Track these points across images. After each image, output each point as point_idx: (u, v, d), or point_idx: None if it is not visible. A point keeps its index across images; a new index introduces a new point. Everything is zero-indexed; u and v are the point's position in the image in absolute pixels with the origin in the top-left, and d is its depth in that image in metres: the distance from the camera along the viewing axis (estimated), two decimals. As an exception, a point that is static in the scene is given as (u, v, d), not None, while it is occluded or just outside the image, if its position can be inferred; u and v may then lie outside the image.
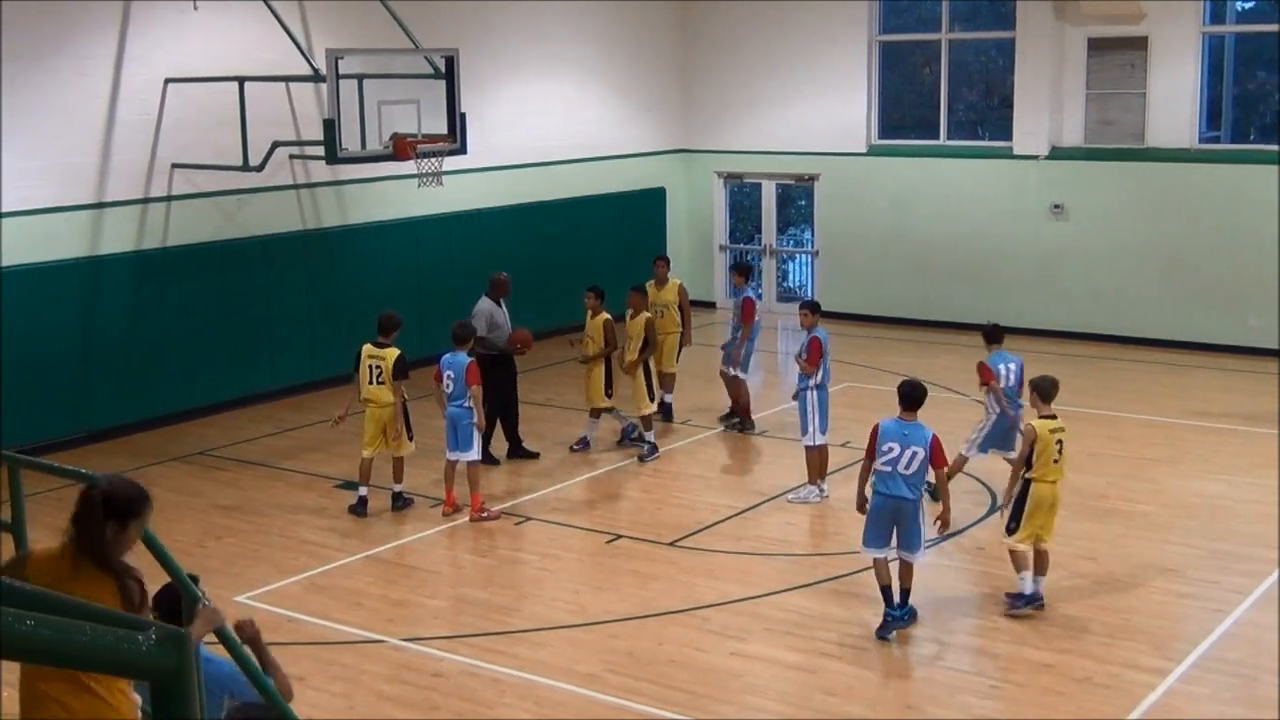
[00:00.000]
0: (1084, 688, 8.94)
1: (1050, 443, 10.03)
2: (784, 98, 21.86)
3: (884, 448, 9.72)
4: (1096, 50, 19.47)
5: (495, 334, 14.06)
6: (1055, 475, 10.11)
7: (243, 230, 16.49)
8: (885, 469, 9.72)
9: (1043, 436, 10.03)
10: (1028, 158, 19.99)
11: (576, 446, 14.52)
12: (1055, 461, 10.05)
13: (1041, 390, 10.33)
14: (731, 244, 23.14)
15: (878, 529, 9.77)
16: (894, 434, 9.74)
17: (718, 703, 8.84)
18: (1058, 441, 10.07)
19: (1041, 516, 10.09)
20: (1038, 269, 20.01)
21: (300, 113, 16.80)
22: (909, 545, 9.79)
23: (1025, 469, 10.10)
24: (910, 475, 9.67)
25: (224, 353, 16.27)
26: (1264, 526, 11.85)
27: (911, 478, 9.68)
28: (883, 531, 9.76)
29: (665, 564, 11.34)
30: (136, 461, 14.12)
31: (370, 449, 12.64)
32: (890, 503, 9.71)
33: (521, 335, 14.13)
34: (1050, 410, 10.26)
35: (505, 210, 19.60)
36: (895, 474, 9.68)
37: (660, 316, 15.49)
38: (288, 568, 11.37)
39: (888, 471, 9.71)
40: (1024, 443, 10.16)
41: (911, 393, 9.90)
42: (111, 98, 15.12)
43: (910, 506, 9.73)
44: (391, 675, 9.32)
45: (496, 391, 14.01)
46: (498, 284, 14.40)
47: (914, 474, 9.68)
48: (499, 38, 19.43)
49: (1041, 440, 10.02)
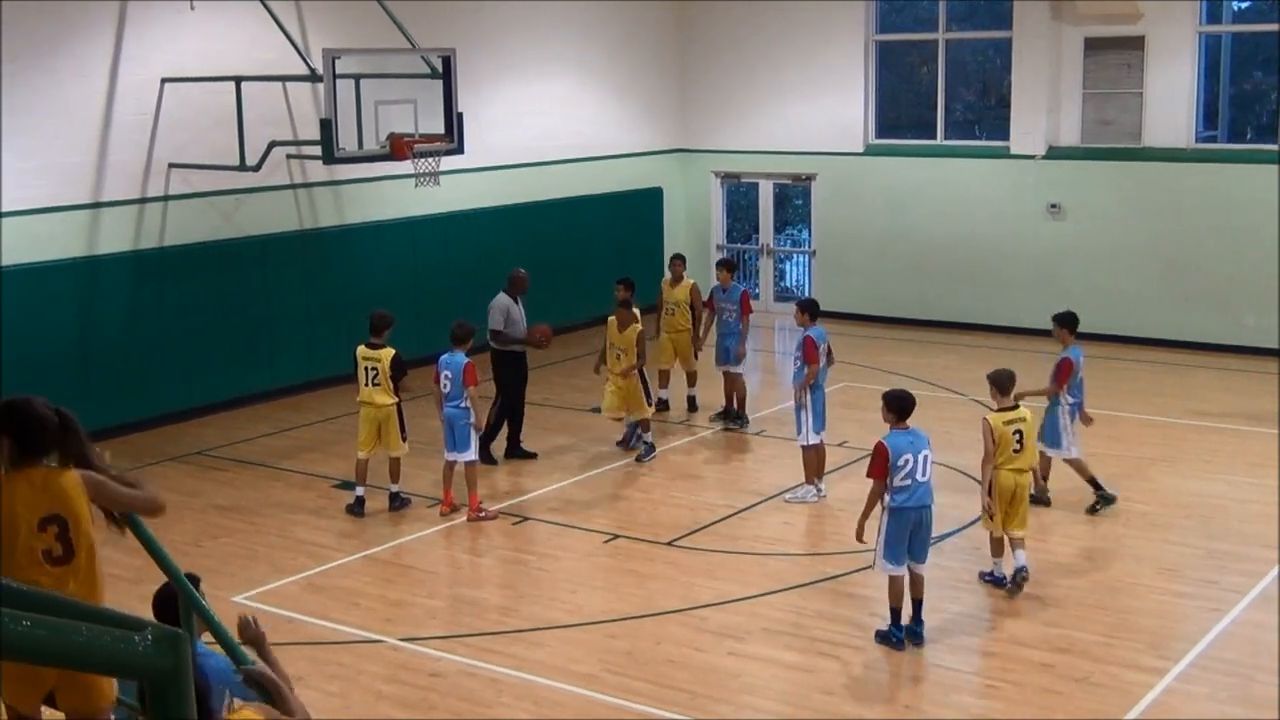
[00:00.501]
0: (1082, 687, 8.94)
1: (1007, 434, 10.34)
2: (781, 97, 21.86)
3: (899, 463, 9.46)
4: (1093, 50, 19.47)
5: (510, 329, 14.07)
6: (1017, 464, 10.40)
7: (240, 230, 16.47)
8: (906, 483, 9.49)
9: (998, 429, 10.34)
10: (1025, 157, 19.99)
11: (645, 457, 14.20)
12: (1016, 451, 10.36)
13: (999, 383, 10.63)
14: (729, 243, 23.13)
15: (900, 545, 9.56)
16: (904, 446, 9.55)
17: (715, 702, 8.83)
18: (1015, 432, 10.36)
19: (1005, 506, 10.38)
20: (1035, 269, 20.01)
21: (297, 112, 16.79)
22: (921, 554, 9.69)
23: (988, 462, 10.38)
24: (928, 479, 9.58)
25: (221, 353, 16.26)
26: (1262, 526, 11.86)
27: (929, 481, 9.61)
28: (904, 547, 9.58)
29: (663, 564, 11.34)
30: (134, 461, 14.10)
31: (365, 450, 12.63)
32: (914, 514, 9.55)
33: (543, 330, 14.13)
34: (1009, 401, 10.55)
35: (502, 210, 19.59)
36: (916, 483, 9.53)
37: (672, 315, 15.63)
38: (285, 567, 11.36)
39: (908, 485, 9.49)
40: (983, 438, 10.41)
41: (905, 404, 9.75)
42: (108, 97, 15.11)
43: (930, 514, 9.68)
44: (389, 675, 9.31)
45: (509, 389, 14.05)
46: (516, 280, 14.40)
47: (929, 477, 9.61)
48: (496, 38, 19.42)
49: (997, 433, 10.32)
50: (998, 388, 10.60)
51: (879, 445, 9.59)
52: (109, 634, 2.86)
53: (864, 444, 14.22)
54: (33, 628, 2.70)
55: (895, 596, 9.66)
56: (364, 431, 12.63)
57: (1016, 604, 10.33)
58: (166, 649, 2.90)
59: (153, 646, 2.87)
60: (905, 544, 9.57)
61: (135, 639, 2.87)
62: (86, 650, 2.80)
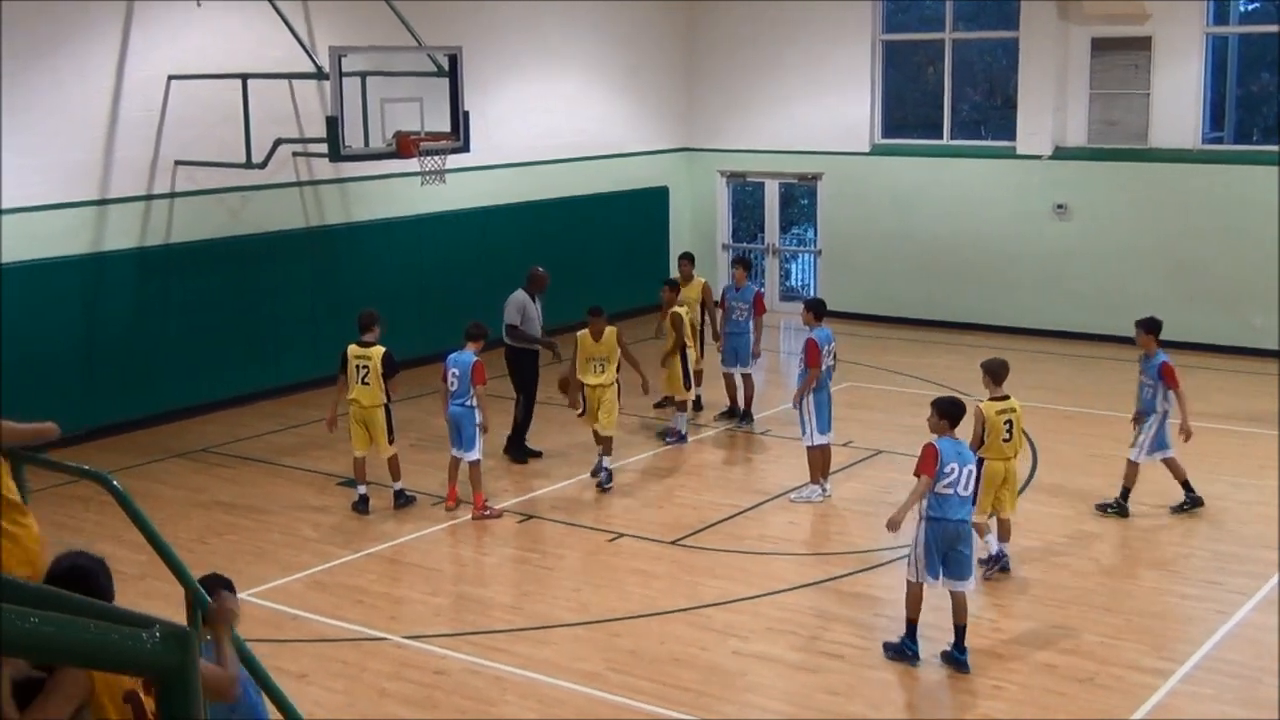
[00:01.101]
0: (1086, 689, 8.94)
1: (998, 424, 10.56)
2: (787, 97, 21.86)
3: (946, 469, 9.16)
4: (1100, 50, 19.46)
5: (526, 327, 14.07)
6: (1006, 453, 10.62)
7: (246, 227, 16.49)
8: (948, 492, 9.18)
9: (990, 418, 10.56)
10: (1031, 158, 19.97)
11: (670, 440, 14.53)
12: (1005, 440, 10.58)
13: (992, 372, 10.83)
14: (734, 243, 23.13)
15: (936, 557, 9.25)
16: (952, 455, 9.23)
17: (720, 701, 8.83)
18: (1006, 422, 10.60)
19: (995, 491, 10.59)
20: (1041, 269, 20.00)
21: (303, 110, 16.81)
22: (963, 572, 9.30)
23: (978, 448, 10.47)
24: (968, 495, 9.33)
25: (227, 350, 16.28)
26: (1266, 527, 11.85)
27: (969, 498, 9.37)
28: (938, 559, 9.26)
29: (667, 563, 11.34)
30: (139, 458, 14.13)
31: (360, 449, 12.63)
32: (953, 528, 9.22)
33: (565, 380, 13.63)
34: (1002, 391, 10.77)
35: (508, 208, 19.60)
36: (955, 495, 9.21)
37: None
38: (290, 565, 11.37)
39: (949, 495, 9.18)
40: (974, 424, 10.53)
41: (957, 411, 9.51)
42: (115, 94, 15.12)
43: (968, 530, 9.40)
44: (393, 673, 9.31)
45: (529, 385, 14.08)
46: (535, 278, 14.42)
47: (969, 493, 9.37)
48: (502, 36, 19.43)
49: (989, 422, 10.55)
50: (991, 376, 10.79)
51: (929, 446, 9.25)
52: (116, 631, 2.86)
53: (869, 444, 14.28)
54: (40, 624, 2.70)
55: (914, 607, 9.34)
56: (355, 431, 12.63)
57: (1020, 605, 10.33)
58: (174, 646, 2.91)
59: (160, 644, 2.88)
60: (940, 557, 9.26)
61: (143, 636, 2.88)
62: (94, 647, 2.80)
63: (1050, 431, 14.78)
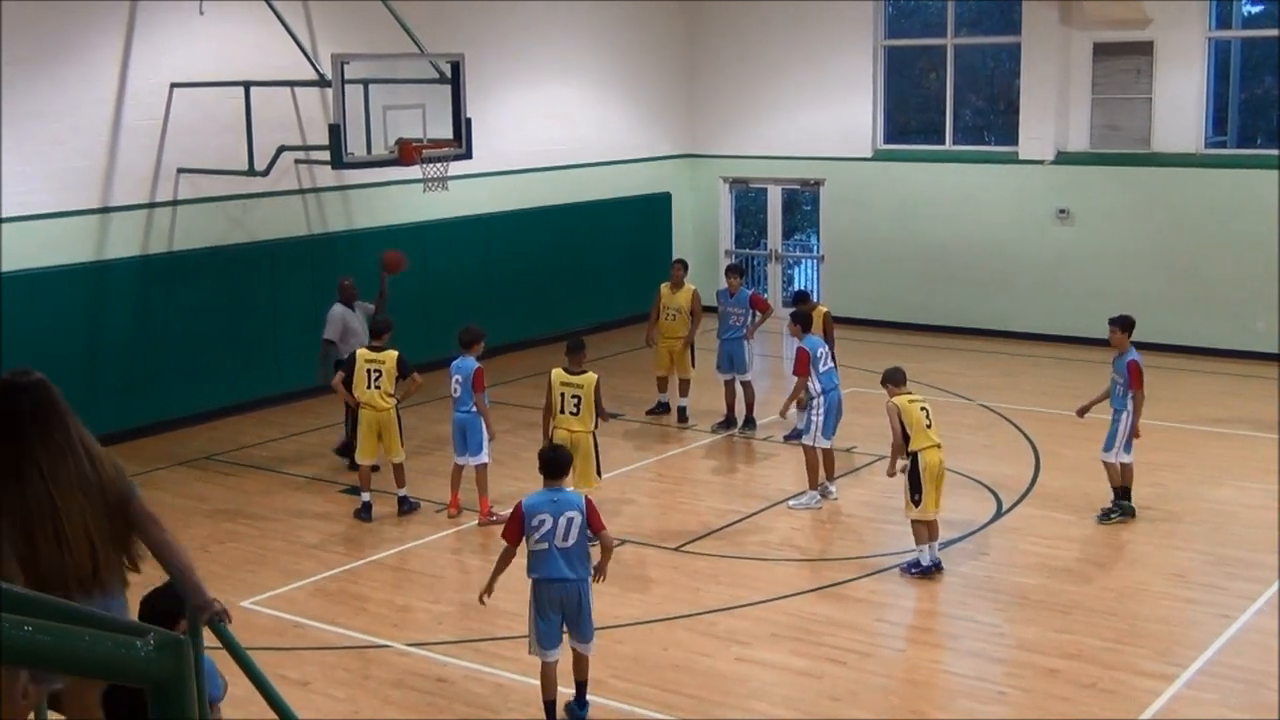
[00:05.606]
0: (1089, 693, 8.92)
1: (914, 411, 10.86)
2: (789, 103, 21.86)
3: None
4: (1102, 55, 19.45)
5: (344, 342, 13.86)
6: (935, 439, 10.86)
7: (248, 235, 16.50)
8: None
9: (905, 408, 10.89)
10: (1033, 163, 19.96)
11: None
12: (928, 427, 10.81)
13: (892, 379, 11.22)
14: (737, 249, 23.12)
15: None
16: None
17: (723, 708, 8.82)
18: (922, 409, 10.90)
19: (934, 484, 10.79)
20: (1043, 274, 19.99)
21: (306, 117, 16.82)
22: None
23: (905, 443, 10.80)
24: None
25: (229, 357, 16.29)
26: (1270, 532, 11.82)
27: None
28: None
29: (670, 569, 11.33)
30: (142, 466, 14.12)
31: (368, 458, 12.61)
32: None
33: (394, 257, 14.24)
34: (905, 389, 11.18)
35: (510, 215, 19.60)
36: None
37: (673, 320, 15.55)
38: (293, 572, 11.37)
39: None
40: (891, 419, 10.87)
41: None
42: (117, 102, 15.14)
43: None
44: (396, 680, 9.31)
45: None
46: (343, 289, 14.29)
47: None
48: (505, 43, 19.44)
49: (905, 411, 10.86)
50: (893, 383, 11.17)
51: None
52: (111, 639, 2.86)
53: (871, 450, 14.25)
54: (34, 633, 2.70)
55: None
56: (365, 439, 12.61)
57: (1024, 610, 10.31)
58: (169, 655, 2.90)
59: (155, 652, 2.87)
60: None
61: (138, 644, 2.87)
62: (88, 656, 2.80)
63: (1052, 436, 14.77)
